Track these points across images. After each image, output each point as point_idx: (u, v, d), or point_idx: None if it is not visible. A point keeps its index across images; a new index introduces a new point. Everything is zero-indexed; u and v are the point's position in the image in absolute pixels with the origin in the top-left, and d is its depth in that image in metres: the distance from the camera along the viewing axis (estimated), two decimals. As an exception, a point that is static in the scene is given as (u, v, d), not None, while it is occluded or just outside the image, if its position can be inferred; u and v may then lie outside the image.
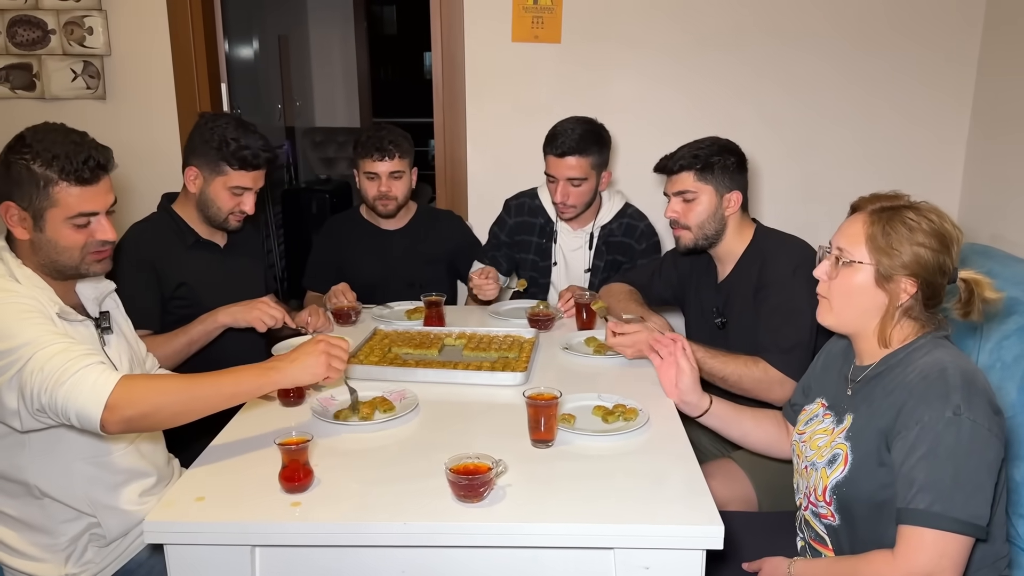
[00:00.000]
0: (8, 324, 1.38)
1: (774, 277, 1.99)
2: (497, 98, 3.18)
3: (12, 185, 1.47)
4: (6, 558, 1.56)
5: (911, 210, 1.38)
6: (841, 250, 1.41)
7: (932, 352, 1.36)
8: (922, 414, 1.27)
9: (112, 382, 1.35)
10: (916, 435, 1.27)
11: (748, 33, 3.10)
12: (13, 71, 3.15)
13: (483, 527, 1.28)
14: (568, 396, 1.68)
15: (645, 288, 2.38)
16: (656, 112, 3.18)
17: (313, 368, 1.51)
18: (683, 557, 1.28)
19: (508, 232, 2.74)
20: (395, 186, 2.58)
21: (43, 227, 1.49)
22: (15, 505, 1.54)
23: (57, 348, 1.37)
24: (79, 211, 1.50)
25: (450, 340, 2.13)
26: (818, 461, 1.46)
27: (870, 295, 1.39)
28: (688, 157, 2.04)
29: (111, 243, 1.57)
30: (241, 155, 2.09)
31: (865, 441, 1.38)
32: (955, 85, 3.13)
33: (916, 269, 1.35)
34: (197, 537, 1.29)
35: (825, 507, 1.43)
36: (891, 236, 1.36)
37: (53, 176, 1.47)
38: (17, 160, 1.46)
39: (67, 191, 1.48)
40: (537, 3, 3.07)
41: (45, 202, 1.48)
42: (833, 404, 1.52)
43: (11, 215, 1.49)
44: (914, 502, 1.25)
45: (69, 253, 1.52)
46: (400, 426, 1.64)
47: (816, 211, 3.19)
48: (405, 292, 2.54)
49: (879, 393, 1.39)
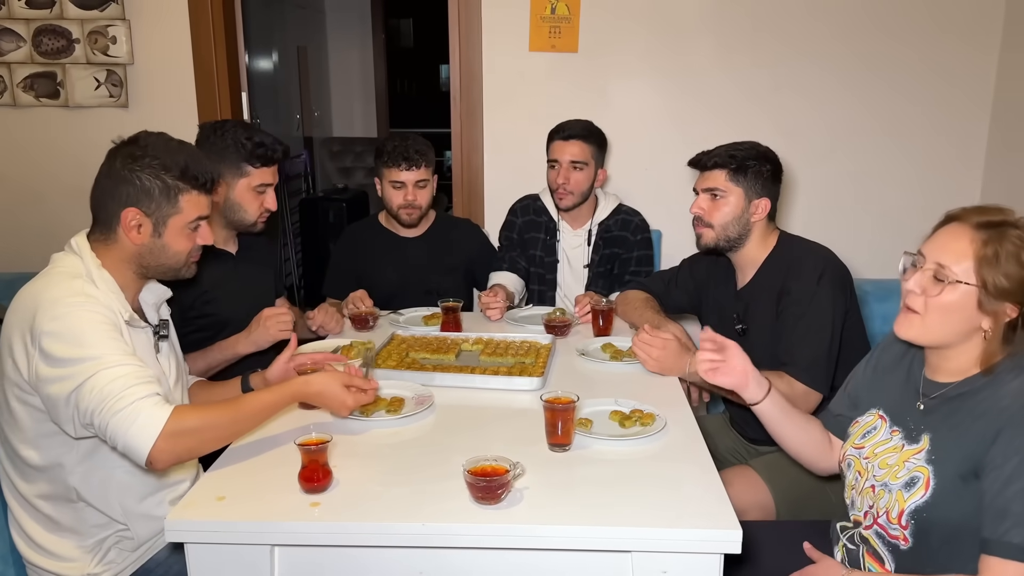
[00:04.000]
0: (83, 332, 1.42)
1: (798, 285, 1.95)
2: (514, 107, 3.20)
3: (140, 193, 1.53)
4: (30, 553, 1.57)
5: (1018, 228, 1.29)
6: (942, 266, 1.31)
7: (1022, 376, 1.29)
8: (1023, 443, 1.23)
9: (161, 423, 1.36)
10: (1016, 466, 1.22)
11: (766, 44, 3.11)
12: (38, 79, 3.20)
13: (500, 528, 1.29)
14: (585, 401, 1.68)
15: (662, 296, 2.38)
16: (673, 121, 3.19)
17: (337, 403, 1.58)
18: (701, 561, 1.28)
19: (518, 231, 2.80)
20: (420, 195, 2.60)
21: (162, 232, 1.57)
22: (51, 505, 1.55)
23: (119, 372, 1.39)
24: (197, 216, 1.60)
25: (467, 345, 2.14)
26: (891, 483, 1.38)
27: (968, 316, 1.31)
28: (724, 155, 2.02)
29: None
30: (260, 152, 2.11)
31: (950, 466, 1.31)
32: (974, 92, 3.12)
33: (1021, 296, 1.27)
34: (217, 536, 1.30)
35: (899, 530, 1.36)
36: (1000, 258, 1.26)
37: (184, 185, 1.56)
38: (144, 171, 1.53)
39: (193, 199, 1.58)
40: (555, 13, 3.09)
41: (171, 209, 1.56)
42: (897, 418, 1.44)
43: (131, 221, 1.54)
44: (1008, 535, 1.20)
45: (177, 257, 1.62)
46: (418, 429, 1.65)
47: (835, 220, 3.18)
48: (423, 300, 2.56)
49: (965, 415, 1.32)
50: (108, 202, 1.55)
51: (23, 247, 3.32)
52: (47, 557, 1.56)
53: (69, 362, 1.39)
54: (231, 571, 1.32)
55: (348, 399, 1.56)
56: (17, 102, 3.22)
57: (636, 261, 2.70)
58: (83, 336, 1.41)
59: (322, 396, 1.56)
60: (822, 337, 1.90)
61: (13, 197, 3.34)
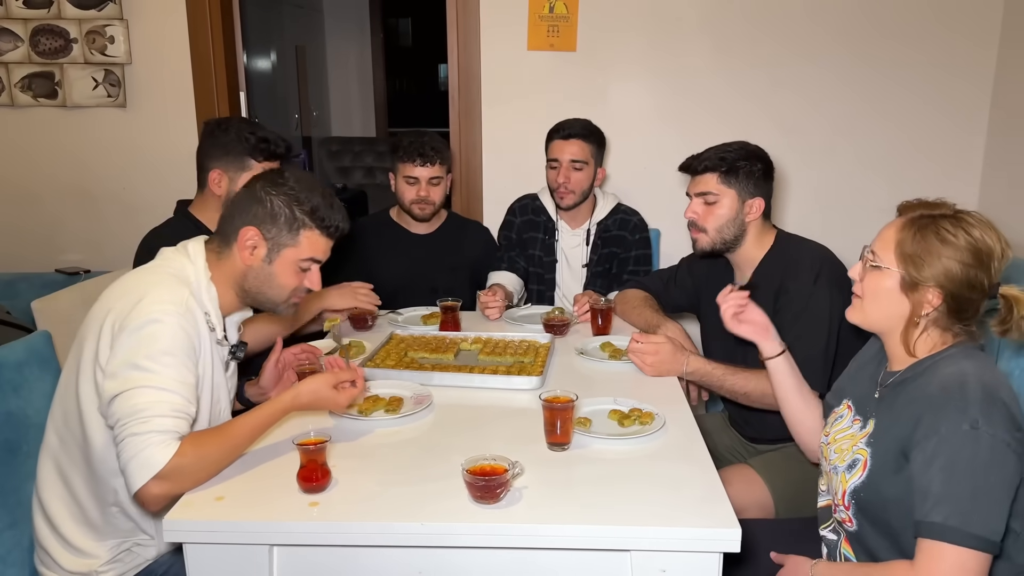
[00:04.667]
0: (158, 344, 1.41)
1: (795, 285, 1.96)
2: (513, 106, 3.20)
3: (266, 216, 1.55)
4: (47, 540, 1.56)
5: (949, 220, 1.34)
6: (874, 254, 1.41)
7: (959, 363, 1.33)
8: (940, 425, 1.26)
9: (159, 465, 1.33)
10: (934, 446, 1.26)
11: (763, 44, 3.11)
12: (35, 79, 3.20)
13: (500, 528, 1.29)
14: (584, 400, 1.68)
15: (660, 295, 2.38)
16: (671, 120, 3.19)
17: (331, 406, 1.59)
18: (700, 560, 1.28)
19: (517, 231, 2.80)
20: (434, 191, 2.63)
21: (273, 260, 1.58)
22: (87, 494, 1.54)
23: (159, 397, 1.38)
24: (311, 256, 1.60)
25: (466, 345, 2.14)
26: (839, 465, 1.45)
27: (895, 301, 1.38)
28: (714, 159, 2.02)
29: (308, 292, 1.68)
30: (263, 146, 2.13)
31: (884, 448, 1.37)
32: (973, 90, 3.12)
33: (943, 281, 1.33)
34: (216, 536, 1.30)
35: (844, 511, 1.43)
36: (920, 246, 1.34)
37: (310, 222, 1.57)
38: (278, 197, 1.56)
39: (314, 239, 1.59)
40: (553, 12, 3.09)
41: (289, 240, 1.57)
42: (859, 406, 1.51)
43: (248, 239, 1.55)
44: (931, 515, 1.23)
45: (280, 291, 1.61)
46: (417, 428, 1.65)
47: (833, 218, 3.19)
48: (427, 297, 2.56)
49: (902, 401, 1.38)
50: (236, 217, 1.57)
51: (21, 247, 3.32)
52: (63, 546, 1.56)
53: (132, 366, 1.40)
54: (230, 571, 1.32)
55: (340, 398, 1.56)
56: (15, 102, 3.22)
57: (635, 260, 2.71)
58: (158, 348, 1.41)
59: (314, 406, 1.56)
60: (819, 336, 1.90)
61: (11, 197, 3.33)
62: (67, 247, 3.36)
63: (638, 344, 1.96)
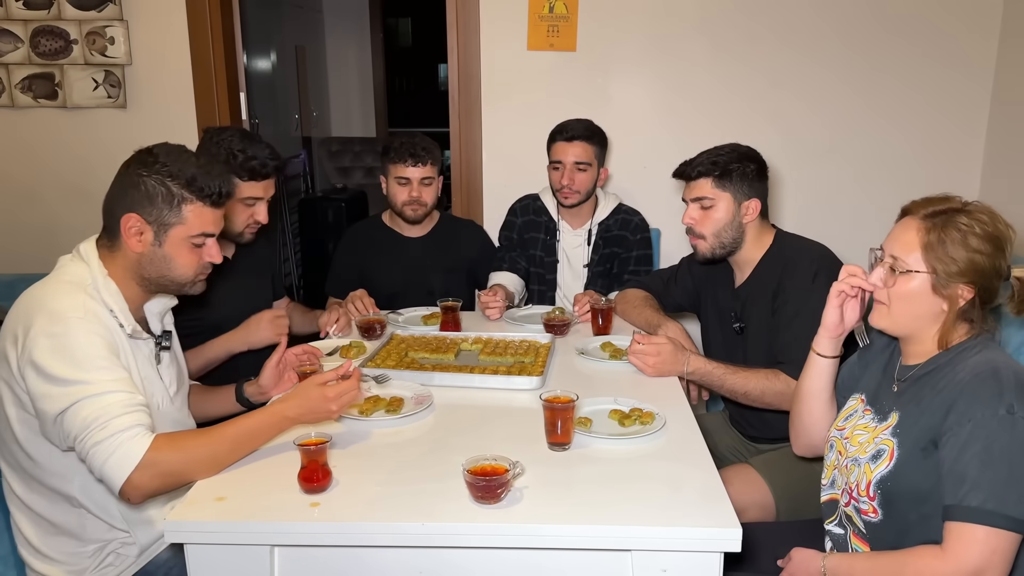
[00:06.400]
0: (79, 352, 1.40)
1: (793, 283, 1.96)
2: (513, 106, 3.20)
3: (143, 199, 1.51)
4: (30, 558, 1.57)
5: (963, 214, 1.37)
6: (895, 258, 1.40)
7: (983, 352, 1.36)
8: (975, 411, 1.28)
9: (137, 457, 1.35)
10: (969, 432, 1.27)
11: (763, 43, 3.10)
12: (36, 80, 3.20)
13: (500, 528, 1.29)
14: (584, 400, 1.68)
15: (661, 294, 2.38)
16: (671, 120, 3.19)
17: (322, 415, 1.53)
18: (700, 559, 1.28)
19: (518, 231, 2.80)
20: (425, 192, 2.62)
21: (163, 242, 1.54)
22: (51, 509, 1.55)
23: (107, 400, 1.38)
24: (201, 231, 1.56)
25: (466, 345, 2.14)
26: (861, 457, 1.44)
27: (927, 301, 1.39)
28: (707, 163, 2.03)
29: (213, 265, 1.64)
30: (249, 166, 2.08)
31: (912, 437, 1.37)
32: (972, 89, 3.12)
33: (972, 276, 1.35)
34: (217, 537, 1.31)
35: (868, 502, 1.42)
36: (946, 244, 1.35)
37: (189, 195, 1.53)
38: (151, 176, 1.52)
39: (198, 211, 1.54)
40: (553, 12, 3.09)
41: (174, 219, 1.53)
42: (874, 401, 1.51)
43: (131, 227, 1.52)
44: (967, 499, 1.25)
45: (183, 271, 1.58)
46: (417, 429, 1.65)
47: (833, 217, 3.18)
48: (424, 300, 2.56)
49: (928, 391, 1.38)
50: (115, 207, 1.54)
51: (21, 248, 3.32)
52: (43, 561, 1.56)
53: (61, 381, 1.38)
54: (231, 571, 1.32)
55: (331, 405, 1.50)
56: (15, 103, 3.22)
57: (635, 260, 2.71)
58: (78, 356, 1.40)
59: (307, 417, 1.51)
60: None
61: (12, 198, 3.33)
62: (67, 248, 3.27)
63: (639, 345, 1.96)
